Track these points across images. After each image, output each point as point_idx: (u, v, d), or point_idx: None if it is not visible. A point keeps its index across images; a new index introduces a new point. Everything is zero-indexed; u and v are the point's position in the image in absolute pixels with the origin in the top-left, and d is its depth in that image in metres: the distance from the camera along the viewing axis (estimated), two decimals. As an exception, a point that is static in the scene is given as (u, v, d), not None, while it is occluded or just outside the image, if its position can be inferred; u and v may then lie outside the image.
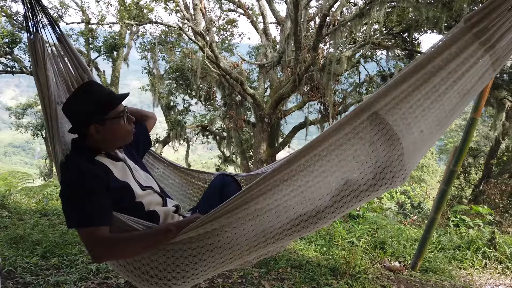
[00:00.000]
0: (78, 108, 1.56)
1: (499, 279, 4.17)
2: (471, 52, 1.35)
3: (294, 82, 9.40)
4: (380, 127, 1.44)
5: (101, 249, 1.40)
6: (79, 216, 1.41)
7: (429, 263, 4.21)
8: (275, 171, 1.42)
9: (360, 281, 3.37)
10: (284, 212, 1.50)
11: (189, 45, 13.62)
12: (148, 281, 1.55)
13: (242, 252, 1.54)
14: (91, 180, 1.46)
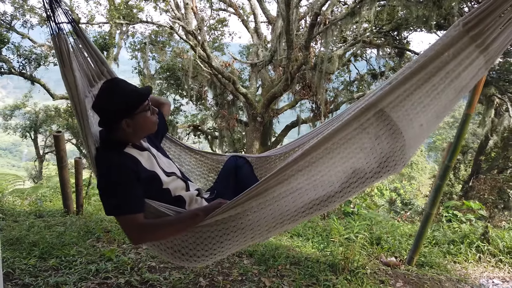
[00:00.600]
0: (109, 106, 1.68)
1: (493, 272, 4.25)
2: (467, 53, 1.50)
3: (287, 81, 9.42)
4: (385, 123, 1.61)
5: (139, 234, 1.62)
6: (117, 205, 1.59)
7: (424, 257, 4.26)
8: (291, 163, 1.59)
9: (358, 276, 3.40)
10: (299, 198, 1.69)
11: (180, 44, 13.55)
12: (180, 258, 1.77)
13: (262, 232, 1.75)
14: (124, 172, 1.62)
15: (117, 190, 1.59)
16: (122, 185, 1.59)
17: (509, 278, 4.10)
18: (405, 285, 3.44)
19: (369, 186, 1.76)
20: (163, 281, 3.05)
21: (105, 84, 1.76)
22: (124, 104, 1.67)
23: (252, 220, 1.69)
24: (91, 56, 2.03)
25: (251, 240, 1.78)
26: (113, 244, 3.68)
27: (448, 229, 5.48)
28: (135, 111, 1.69)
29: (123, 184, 1.60)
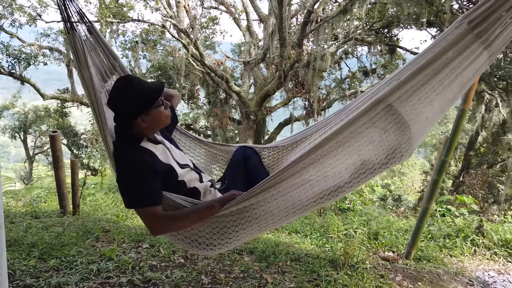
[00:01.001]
0: (124, 104, 1.72)
1: (488, 264, 4.33)
2: (472, 50, 1.57)
3: (280, 78, 9.44)
4: (393, 117, 1.69)
5: (159, 225, 1.70)
6: (137, 198, 1.68)
7: (421, 252, 4.32)
8: (303, 156, 1.67)
9: (359, 271, 3.43)
10: (310, 189, 1.79)
11: (172, 43, 13.47)
12: (197, 247, 1.87)
13: (275, 221, 1.84)
14: (143, 166, 1.68)
15: (137, 184, 1.66)
16: (141, 179, 1.66)
17: (504, 271, 4.17)
18: (404, 279, 3.48)
19: (377, 175, 1.85)
20: (165, 279, 3.05)
21: (119, 81, 1.79)
22: (139, 102, 1.71)
23: (266, 210, 1.79)
24: (103, 52, 2.07)
25: (264, 228, 1.89)
26: (113, 244, 3.66)
27: (442, 223, 5.56)
28: (150, 108, 1.73)
29: (142, 178, 1.67)
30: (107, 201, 5.92)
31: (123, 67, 2.20)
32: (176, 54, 11.80)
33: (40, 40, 13.74)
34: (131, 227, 4.22)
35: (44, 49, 13.78)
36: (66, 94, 14.71)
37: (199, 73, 12.93)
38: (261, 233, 2.03)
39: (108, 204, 5.73)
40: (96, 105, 1.75)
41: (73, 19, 1.77)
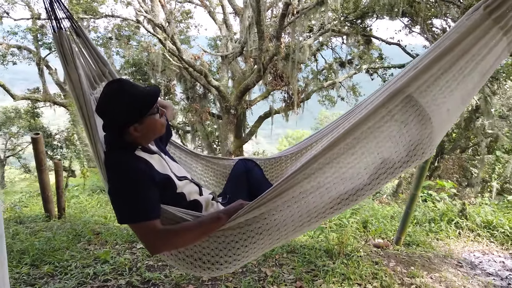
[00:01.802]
0: (116, 111, 1.54)
1: (473, 246, 4.50)
2: (491, 36, 1.48)
3: (259, 71, 9.43)
4: (414, 109, 1.56)
5: (159, 242, 1.48)
6: (132, 211, 1.47)
7: (410, 237, 4.44)
8: (318, 156, 1.53)
9: (354, 259, 3.50)
10: (326, 193, 1.61)
11: (146, 38, 13.20)
12: (200, 267, 1.63)
13: (288, 232, 1.65)
14: (138, 175, 1.50)
15: (131, 196, 1.47)
16: (136, 190, 1.48)
17: (488, 251, 4.35)
18: (398, 265, 3.57)
19: (397, 176, 1.68)
20: (165, 279, 3.02)
21: (109, 85, 1.60)
22: (133, 108, 1.54)
23: (278, 220, 1.60)
24: (91, 57, 1.89)
25: (276, 242, 1.68)
26: (106, 246, 3.59)
27: (425, 208, 5.73)
28: (145, 115, 1.57)
29: (137, 188, 1.48)
30: (92, 202, 5.79)
31: (114, 73, 2.00)
32: (152, 50, 11.58)
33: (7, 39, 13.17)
34: (122, 228, 4.14)
35: (13, 47, 13.23)
36: (37, 94, 14.22)
37: (176, 68, 12.74)
38: (272, 247, 1.76)
39: (94, 206, 5.61)
40: (85, 109, 1.61)
41: (59, 16, 1.66)
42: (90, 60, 1.90)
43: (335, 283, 3.11)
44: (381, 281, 3.19)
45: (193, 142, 14.29)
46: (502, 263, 3.92)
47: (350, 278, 3.17)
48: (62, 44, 1.63)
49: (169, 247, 1.56)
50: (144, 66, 13.59)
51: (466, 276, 3.48)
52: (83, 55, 1.85)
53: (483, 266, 3.80)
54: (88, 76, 1.85)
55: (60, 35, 1.63)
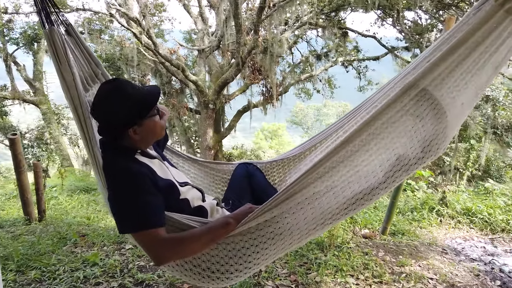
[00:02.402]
0: (114, 113, 1.45)
1: (454, 232, 4.66)
2: (504, 27, 1.44)
3: (238, 65, 9.37)
4: (429, 102, 1.51)
5: (165, 251, 1.38)
6: (135, 219, 1.36)
7: (394, 226, 4.55)
8: (331, 154, 1.46)
9: (345, 251, 3.56)
10: (341, 193, 1.55)
11: (120, 32, 12.85)
12: (209, 277, 1.52)
13: (301, 236, 1.57)
14: (140, 181, 1.40)
15: (134, 203, 1.37)
16: (139, 197, 1.37)
17: (469, 237, 4.51)
18: (387, 254, 3.65)
19: (412, 173, 1.61)
20: (158, 279, 2.97)
21: (105, 85, 1.50)
22: (132, 110, 1.45)
23: (291, 223, 1.51)
24: (83, 57, 1.80)
25: (289, 247, 1.59)
26: (93, 248, 3.49)
27: (406, 197, 5.88)
28: (145, 117, 1.48)
29: (140, 195, 1.38)
30: (72, 203, 5.62)
31: (106, 75, 1.93)
32: (126, 44, 11.28)
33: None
34: (109, 228, 4.05)
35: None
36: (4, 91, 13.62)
37: (151, 63, 12.49)
38: (284, 252, 1.66)
39: (74, 206, 5.44)
40: (81, 111, 1.53)
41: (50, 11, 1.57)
42: (82, 60, 1.80)
43: (328, 275, 3.15)
44: (372, 271, 3.25)
45: (170, 137, 14.08)
46: (483, 248, 4.07)
47: (342, 270, 3.21)
48: (54, 42, 1.54)
49: (176, 256, 1.46)
50: (118, 61, 13.25)
51: (452, 262, 3.59)
52: (74, 55, 1.75)
53: (466, 252, 3.93)
54: (80, 77, 1.73)
55: (51, 32, 1.55)
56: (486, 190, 5.78)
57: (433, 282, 3.18)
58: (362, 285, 3.06)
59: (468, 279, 3.28)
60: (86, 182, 7.52)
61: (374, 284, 3.09)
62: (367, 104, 2.03)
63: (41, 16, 1.57)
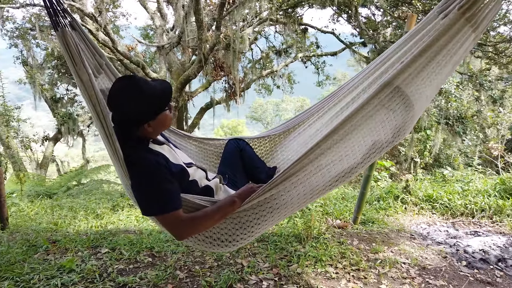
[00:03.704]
0: (133, 110, 1.60)
1: (418, 219, 4.92)
2: (463, 33, 1.76)
3: (200, 62, 9.26)
4: (401, 98, 1.82)
5: (185, 229, 1.63)
6: (158, 204, 1.58)
7: (364, 216, 4.73)
8: (321, 142, 1.74)
9: (322, 241, 3.66)
10: (327, 173, 1.85)
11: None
12: (219, 245, 1.82)
13: (294, 208, 1.88)
14: (159, 170, 1.60)
15: (155, 189, 1.57)
16: (160, 183, 1.57)
17: (432, 222, 4.79)
18: (361, 242, 3.81)
19: (382, 153, 1.95)
20: (141, 281, 2.92)
21: (123, 82, 1.62)
22: (151, 107, 1.63)
23: (286, 199, 1.80)
24: (88, 49, 1.88)
25: (283, 216, 1.89)
26: (67, 254, 3.36)
27: (371, 187, 6.12)
28: (160, 112, 1.67)
29: (160, 182, 1.58)
30: (34, 209, 5.34)
31: (110, 65, 2.02)
32: (81, 41, 10.79)
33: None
34: (81, 233, 3.90)
35: None
36: None
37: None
38: (280, 221, 2.03)
39: (38, 213, 5.18)
40: (99, 108, 1.57)
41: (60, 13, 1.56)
42: (87, 53, 1.88)
43: (309, 266, 3.24)
44: (349, 260, 3.38)
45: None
46: (446, 232, 4.34)
47: (321, 260, 3.31)
48: (68, 43, 1.54)
49: (194, 232, 1.69)
50: (71, 58, 12.65)
51: (421, 246, 3.81)
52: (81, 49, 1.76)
53: (432, 236, 4.17)
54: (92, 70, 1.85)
55: (64, 33, 1.55)
56: (444, 177, 6.14)
57: (406, 266, 3.36)
58: (342, 273, 3.17)
59: (437, 261, 3.49)
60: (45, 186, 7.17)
61: (353, 271, 3.21)
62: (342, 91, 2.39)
63: (53, 19, 1.58)
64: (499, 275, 3.26)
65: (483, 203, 4.94)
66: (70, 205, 5.45)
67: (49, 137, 14.01)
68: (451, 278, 3.20)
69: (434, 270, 3.31)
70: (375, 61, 2.30)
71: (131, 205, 5.32)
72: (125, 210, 5.09)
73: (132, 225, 4.52)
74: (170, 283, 2.93)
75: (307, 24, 11.91)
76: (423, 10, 9.44)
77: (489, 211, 4.84)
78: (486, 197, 5.10)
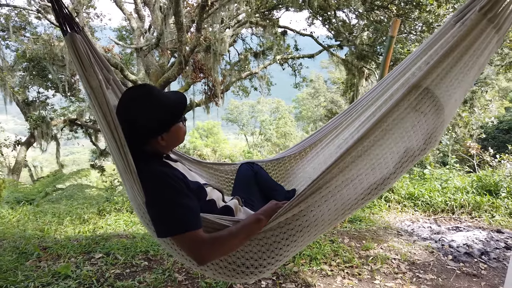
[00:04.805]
0: (146, 120, 1.49)
1: (402, 216, 5.09)
2: (486, 34, 1.69)
3: (180, 64, 9.21)
4: (431, 100, 1.70)
5: (207, 251, 1.42)
6: (176, 222, 1.39)
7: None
8: (351, 149, 1.59)
9: (315, 240, 3.74)
10: (359, 184, 1.68)
11: (48, 30, 11.95)
12: (243, 272, 1.59)
13: (325, 226, 1.69)
14: (178, 185, 1.44)
15: (174, 206, 1.40)
16: (178, 200, 1.41)
17: (415, 219, 4.97)
18: (351, 240, 3.91)
19: (415, 163, 1.79)
20: (140, 285, 2.90)
21: (135, 92, 1.54)
22: (164, 118, 1.52)
23: (317, 215, 1.63)
24: (96, 63, 1.70)
25: (314, 237, 1.71)
26: (60, 260, 3.29)
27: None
28: (174, 124, 1.56)
29: (179, 198, 1.42)
30: (16, 215, 5.18)
31: (117, 80, 1.87)
32: (55, 43, 10.53)
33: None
34: (72, 238, 3.83)
35: None
36: None
37: (82, 62, 11.77)
38: (309, 242, 1.79)
39: (20, 219, 5.02)
40: (111, 118, 1.44)
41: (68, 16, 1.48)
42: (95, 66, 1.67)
43: (304, 264, 3.31)
44: (343, 257, 3.47)
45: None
46: (430, 228, 4.52)
47: (316, 258, 3.39)
48: (77, 48, 1.44)
49: (216, 255, 1.48)
50: (43, 60, 12.31)
51: (408, 242, 3.95)
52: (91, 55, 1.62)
53: (417, 233, 4.34)
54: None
55: (73, 37, 1.44)
56: (424, 175, 6.37)
57: (396, 262, 3.48)
58: (337, 271, 3.26)
59: (425, 256, 3.64)
60: (24, 192, 6.94)
61: (347, 268, 3.31)
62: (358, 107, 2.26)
63: (61, 22, 1.49)
64: (483, 267, 3.43)
65: (462, 200, 5.17)
66: (53, 211, 5.32)
67: (21, 141, 13.54)
68: (439, 272, 3.34)
69: (423, 265, 3.45)
70: (392, 73, 2.21)
71: (118, 209, 5.25)
72: (112, 214, 5.02)
73: (121, 230, 4.47)
74: (170, 285, 2.93)
75: (286, 26, 12.08)
76: (397, 14, 9.75)
77: (468, 207, 5.07)
78: (464, 194, 5.34)
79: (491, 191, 5.40)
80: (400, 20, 3.97)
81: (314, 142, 2.46)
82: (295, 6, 11.46)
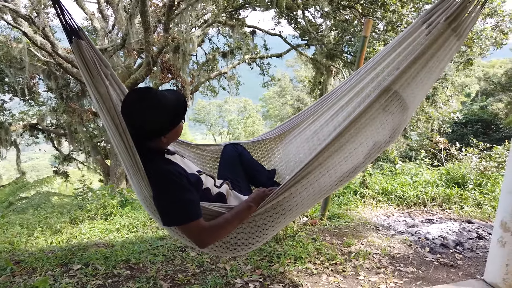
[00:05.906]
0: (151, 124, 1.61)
1: (377, 211, 5.21)
2: (449, 42, 1.96)
3: (148, 65, 9.00)
4: (399, 102, 2.00)
5: (207, 237, 1.67)
6: (183, 214, 1.60)
7: (328, 211, 4.92)
8: (329, 145, 1.88)
9: (297, 240, 3.77)
10: (334, 174, 1.99)
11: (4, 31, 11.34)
12: (235, 249, 1.90)
13: (304, 208, 1.99)
14: (181, 179, 1.62)
15: (178, 200, 1.59)
16: (184, 193, 1.60)
17: (389, 213, 5.10)
18: (333, 238, 3.97)
19: (381, 153, 2.11)
20: (124, 295, 2.82)
21: (138, 95, 1.62)
22: (169, 120, 1.64)
23: (297, 201, 1.91)
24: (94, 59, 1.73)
25: (294, 217, 2.01)
26: (35, 274, 3.13)
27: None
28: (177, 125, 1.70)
29: (182, 192, 1.60)
30: (-21, 228, 4.87)
31: (114, 75, 1.96)
32: (14, 44, 10.02)
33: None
34: (46, 250, 3.65)
35: None
36: None
37: (42, 64, 11.33)
38: (291, 221, 2.17)
39: (-16, 232, 4.73)
40: (119, 121, 1.52)
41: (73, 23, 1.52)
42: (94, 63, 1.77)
43: (290, 264, 3.32)
44: (326, 255, 3.51)
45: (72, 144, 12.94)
46: (405, 222, 4.66)
47: (300, 257, 3.41)
48: (84, 55, 1.48)
49: (216, 239, 1.75)
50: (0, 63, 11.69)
51: (387, 237, 4.06)
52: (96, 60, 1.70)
53: (394, 227, 4.46)
54: None
55: (78, 44, 1.49)
56: (395, 170, 6.56)
57: (377, 257, 3.56)
58: (321, 269, 3.29)
59: (403, 249, 3.74)
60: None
61: (331, 266, 3.35)
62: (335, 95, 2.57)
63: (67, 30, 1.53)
64: (459, 257, 3.58)
65: (433, 193, 5.36)
66: (21, 221, 5.05)
67: (-23, 148, 12.80)
68: (418, 264, 3.45)
69: (403, 258, 3.55)
70: (364, 67, 2.47)
71: (92, 217, 5.05)
72: (86, 223, 4.82)
73: (97, 238, 4.31)
74: (157, 293, 2.86)
75: (255, 26, 12.09)
76: (362, 14, 9.99)
77: (439, 199, 5.27)
78: (434, 187, 5.55)
79: (459, 183, 5.65)
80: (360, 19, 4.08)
81: (293, 127, 2.73)
82: (262, 6, 11.49)
